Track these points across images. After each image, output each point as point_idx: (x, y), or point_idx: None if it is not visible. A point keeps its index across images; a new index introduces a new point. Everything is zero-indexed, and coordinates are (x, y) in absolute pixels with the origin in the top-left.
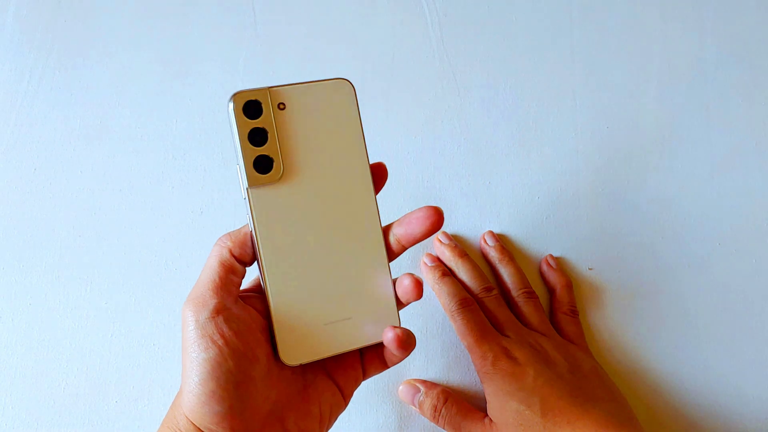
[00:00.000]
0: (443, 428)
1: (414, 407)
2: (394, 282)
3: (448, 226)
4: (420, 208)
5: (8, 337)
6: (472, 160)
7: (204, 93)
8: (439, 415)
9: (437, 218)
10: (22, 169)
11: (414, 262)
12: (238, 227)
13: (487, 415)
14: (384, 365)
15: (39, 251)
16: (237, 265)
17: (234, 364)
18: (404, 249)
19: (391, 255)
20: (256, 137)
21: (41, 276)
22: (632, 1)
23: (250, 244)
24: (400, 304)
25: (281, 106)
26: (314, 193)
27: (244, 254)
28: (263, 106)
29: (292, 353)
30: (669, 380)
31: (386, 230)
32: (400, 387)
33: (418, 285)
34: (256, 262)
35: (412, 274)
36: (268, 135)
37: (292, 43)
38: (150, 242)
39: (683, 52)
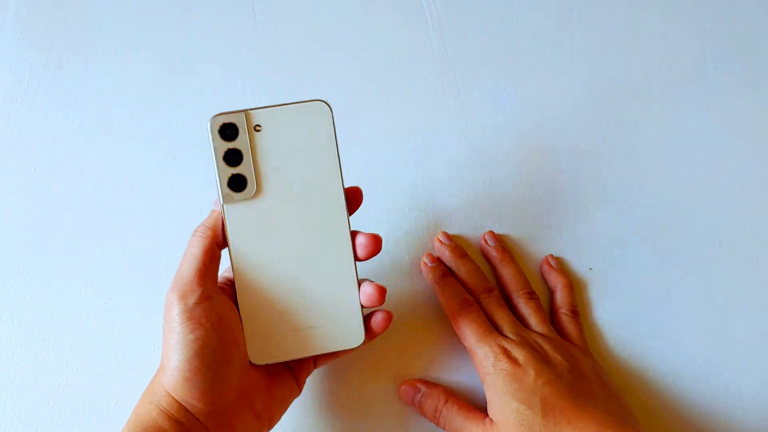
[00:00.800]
0: (443, 428)
1: (414, 407)
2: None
3: (449, 226)
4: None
5: (8, 337)
6: (472, 160)
7: (204, 93)
8: (439, 416)
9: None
10: (22, 169)
11: (414, 262)
12: (209, 215)
13: (487, 415)
14: (332, 356)
15: (39, 251)
16: (217, 252)
17: (218, 346)
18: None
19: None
20: (232, 158)
21: (41, 276)
22: (632, 1)
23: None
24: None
25: (257, 128)
26: (287, 210)
27: (221, 239)
28: (239, 128)
29: (260, 354)
30: (669, 380)
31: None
32: (401, 387)
33: (380, 294)
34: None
35: (373, 283)
36: (243, 156)
37: (292, 43)
38: (150, 242)
39: (683, 52)
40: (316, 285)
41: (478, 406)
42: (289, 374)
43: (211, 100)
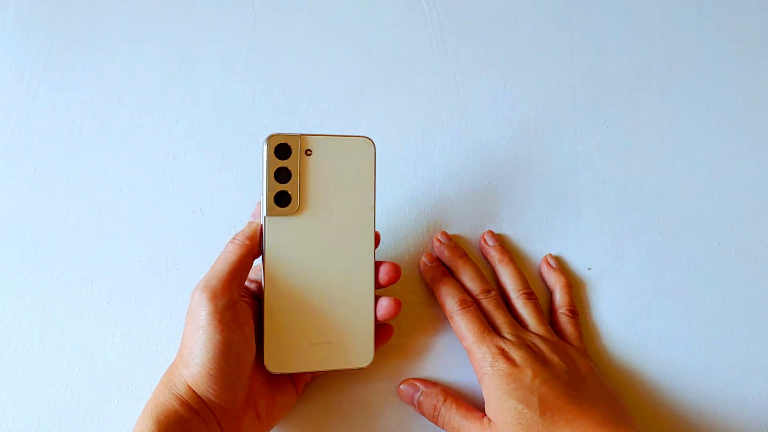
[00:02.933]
0: (442, 427)
1: (413, 406)
2: (376, 320)
3: (448, 226)
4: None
5: (8, 337)
6: (472, 160)
7: (204, 93)
8: (438, 414)
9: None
10: (22, 169)
11: (413, 262)
12: (246, 224)
13: (485, 414)
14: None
15: (39, 251)
16: (250, 262)
17: (241, 349)
18: None
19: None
20: (281, 175)
21: (41, 276)
22: (632, 1)
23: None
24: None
25: (308, 152)
26: (322, 231)
27: (257, 249)
28: (292, 149)
29: (276, 363)
30: (668, 381)
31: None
32: (400, 386)
33: (396, 307)
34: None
35: (389, 297)
36: (292, 175)
37: (292, 43)
38: (150, 242)
39: (683, 52)
40: (337, 304)
41: (476, 406)
42: (290, 383)
43: (211, 100)
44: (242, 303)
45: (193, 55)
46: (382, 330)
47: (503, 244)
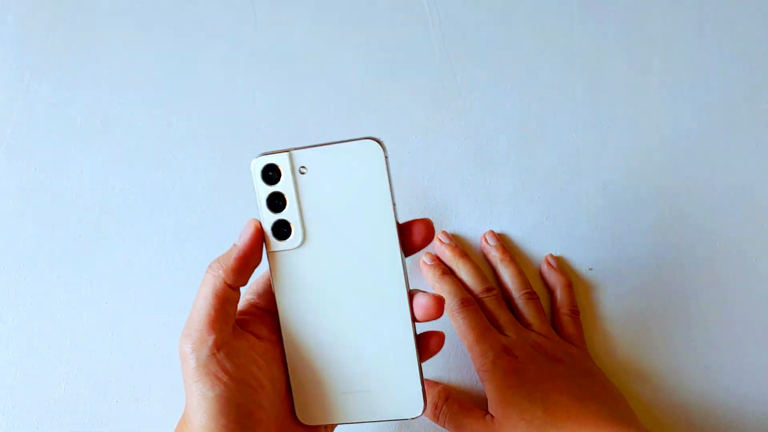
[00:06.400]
0: (444, 427)
1: None
2: (419, 353)
3: (449, 226)
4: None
5: (8, 337)
6: (472, 160)
7: (204, 93)
8: (440, 413)
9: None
10: (22, 169)
11: (414, 262)
12: (228, 249)
13: (488, 412)
14: None
15: (39, 251)
16: (232, 294)
17: (242, 396)
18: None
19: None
20: (275, 202)
21: (41, 276)
22: (632, 1)
23: (244, 269)
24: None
25: (302, 170)
26: (336, 263)
27: (239, 280)
28: (282, 170)
29: (308, 414)
30: (669, 381)
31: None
32: None
33: (438, 304)
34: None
35: (428, 293)
36: (287, 200)
37: (292, 43)
38: (150, 242)
39: (683, 52)
40: (368, 345)
41: (478, 405)
42: None
43: (211, 100)
44: (239, 339)
45: (193, 54)
46: (432, 338)
47: (504, 243)
